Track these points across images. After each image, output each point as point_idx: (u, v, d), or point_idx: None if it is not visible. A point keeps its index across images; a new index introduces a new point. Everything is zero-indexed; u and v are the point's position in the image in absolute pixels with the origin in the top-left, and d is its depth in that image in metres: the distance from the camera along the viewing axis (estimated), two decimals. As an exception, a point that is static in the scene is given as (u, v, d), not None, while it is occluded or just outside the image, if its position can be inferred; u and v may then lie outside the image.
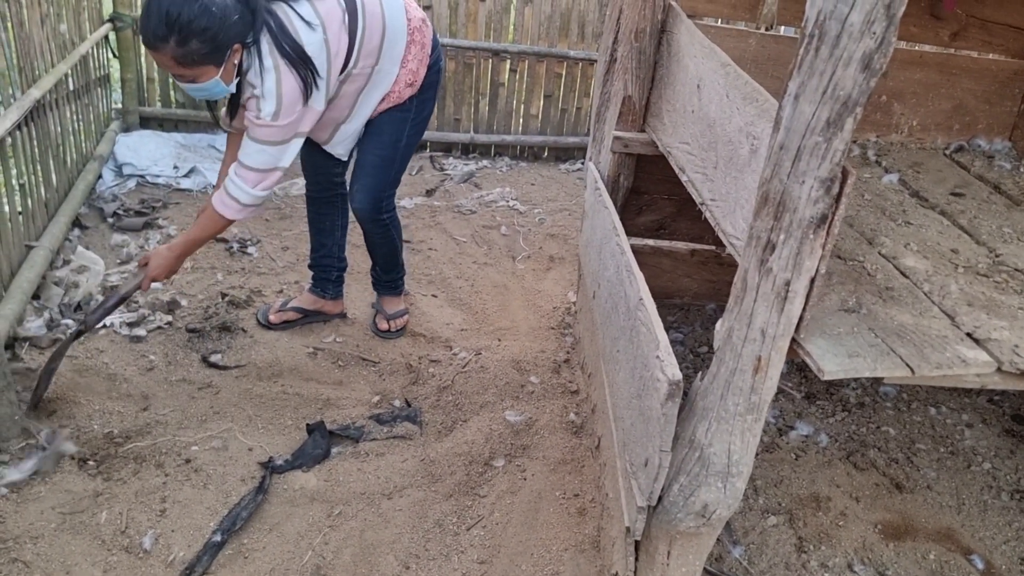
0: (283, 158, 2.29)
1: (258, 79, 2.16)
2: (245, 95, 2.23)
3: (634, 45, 2.33)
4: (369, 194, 2.64)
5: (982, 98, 2.83)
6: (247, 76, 2.17)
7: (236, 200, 2.30)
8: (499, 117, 5.02)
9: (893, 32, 1.16)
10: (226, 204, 2.31)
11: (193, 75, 2.09)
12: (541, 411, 2.62)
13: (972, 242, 2.06)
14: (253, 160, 2.26)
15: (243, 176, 2.28)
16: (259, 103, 2.18)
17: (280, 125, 2.21)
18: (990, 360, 1.49)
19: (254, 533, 2.06)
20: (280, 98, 2.16)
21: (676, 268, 3.20)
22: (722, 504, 1.60)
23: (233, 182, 2.28)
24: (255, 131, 2.22)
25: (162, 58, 2.04)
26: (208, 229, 2.37)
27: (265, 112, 2.18)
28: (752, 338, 1.44)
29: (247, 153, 2.26)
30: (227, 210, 2.32)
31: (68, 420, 2.33)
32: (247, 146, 2.26)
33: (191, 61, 2.05)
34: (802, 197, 1.29)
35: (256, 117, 2.20)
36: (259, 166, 2.27)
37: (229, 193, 2.30)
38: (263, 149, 2.24)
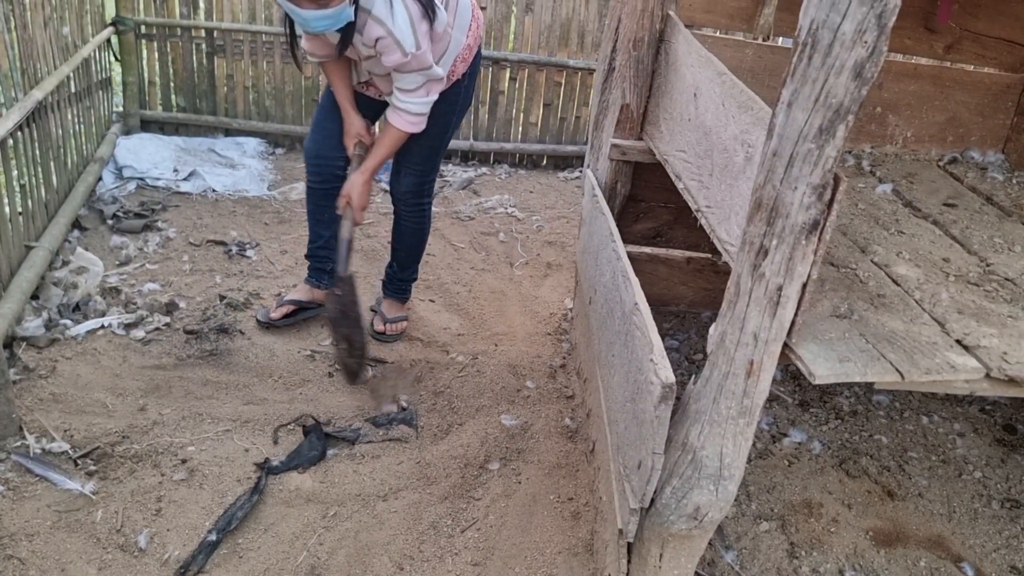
0: (435, 70, 2.38)
1: (386, 13, 2.18)
2: (374, 35, 2.23)
3: (632, 54, 2.36)
4: (417, 179, 2.74)
5: (975, 110, 2.86)
6: (373, 12, 2.19)
7: (420, 114, 2.45)
8: (498, 125, 5.04)
9: (884, 41, 1.19)
10: (412, 122, 2.46)
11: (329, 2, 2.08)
12: (536, 415, 2.64)
13: (964, 251, 2.08)
14: (410, 83, 2.37)
15: (415, 94, 2.40)
16: (396, 40, 2.21)
17: (423, 51, 2.28)
18: (979, 366, 1.51)
19: (249, 533, 2.07)
20: (413, 25, 2.21)
21: (672, 275, 3.22)
22: (714, 507, 1.62)
23: (407, 101, 2.40)
24: (404, 67, 2.30)
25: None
26: (395, 146, 2.53)
27: (407, 44, 2.22)
28: (745, 342, 1.45)
29: (406, 81, 2.36)
30: (415, 125, 2.47)
31: (65, 419, 2.34)
32: (402, 78, 2.36)
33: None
34: (795, 203, 1.32)
35: (402, 55, 2.24)
36: (416, 85, 2.38)
37: (411, 111, 2.43)
38: (418, 75, 2.35)
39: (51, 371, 2.51)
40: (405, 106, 2.43)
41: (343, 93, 2.57)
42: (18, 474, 2.13)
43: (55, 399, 2.41)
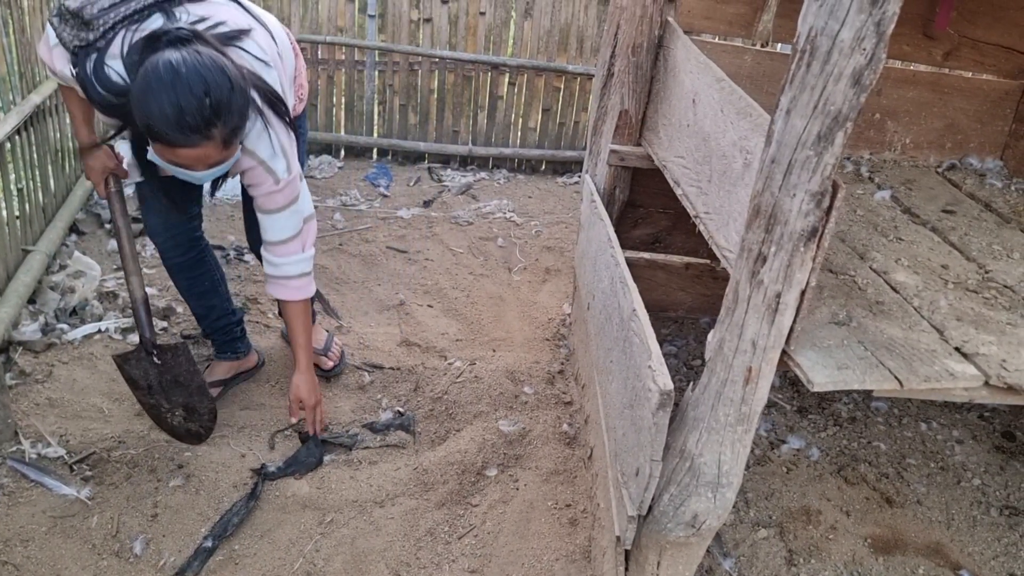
0: (305, 205, 2.10)
1: (260, 141, 1.91)
2: (243, 167, 1.96)
3: (631, 60, 2.36)
4: None
5: (974, 117, 2.86)
6: (245, 144, 1.89)
7: (304, 274, 2.14)
8: (497, 130, 5.04)
9: (883, 49, 1.19)
10: (300, 287, 2.15)
11: (229, 154, 1.81)
12: (535, 421, 2.63)
13: (962, 258, 2.08)
14: (282, 230, 2.06)
15: (290, 251, 2.09)
16: (268, 168, 1.95)
17: (293, 176, 2.01)
18: (978, 374, 1.51)
19: (245, 539, 2.07)
20: (285, 150, 1.96)
21: (670, 281, 3.22)
22: (712, 514, 1.61)
23: (287, 263, 2.10)
24: (274, 200, 2.00)
25: (206, 150, 1.72)
26: (307, 320, 2.22)
27: (280, 170, 1.96)
28: (743, 349, 1.45)
29: (276, 228, 2.05)
30: (305, 290, 2.17)
31: (61, 424, 2.33)
32: (271, 224, 2.05)
33: (235, 138, 1.77)
34: (793, 210, 1.31)
35: (274, 183, 1.97)
36: (291, 232, 2.07)
37: (293, 276, 2.12)
38: (288, 212, 2.04)
39: (47, 375, 2.51)
40: (284, 271, 2.11)
41: (82, 122, 2.18)
42: (13, 479, 2.12)
43: (51, 404, 2.40)
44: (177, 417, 2.29)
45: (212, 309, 2.51)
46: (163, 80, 1.62)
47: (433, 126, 4.94)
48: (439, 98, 4.88)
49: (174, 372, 2.23)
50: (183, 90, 1.61)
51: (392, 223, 4.09)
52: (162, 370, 2.22)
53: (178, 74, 1.62)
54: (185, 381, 2.25)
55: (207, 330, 2.57)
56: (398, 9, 4.57)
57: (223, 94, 1.66)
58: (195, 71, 1.63)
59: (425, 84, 4.81)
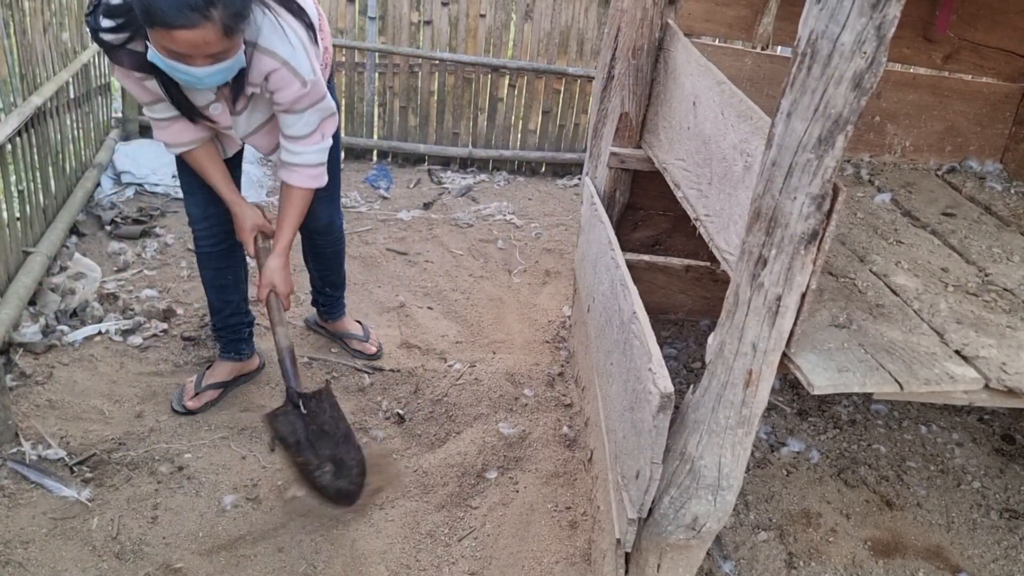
0: (328, 103, 2.08)
1: (278, 38, 1.86)
2: (264, 70, 1.90)
3: (632, 62, 2.36)
4: (333, 204, 2.57)
5: (974, 120, 2.86)
6: (260, 43, 1.85)
7: (319, 164, 2.13)
8: (497, 132, 5.05)
9: (883, 52, 1.19)
10: (313, 175, 2.14)
11: (230, 47, 1.74)
12: (534, 424, 2.63)
13: (962, 261, 2.08)
14: (306, 126, 2.06)
15: (309, 141, 2.08)
16: (292, 68, 1.90)
17: (318, 77, 1.98)
18: (978, 377, 1.51)
19: (247, 541, 2.07)
20: (305, 47, 1.92)
21: (671, 284, 3.22)
22: (712, 517, 1.61)
23: (303, 152, 2.08)
24: (300, 103, 1.99)
25: (205, 33, 1.65)
26: (305, 209, 2.20)
27: (305, 69, 1.92)
28: (743, 352, 1.45)
29: (299, 125, 2.04)
30: (317, 179, 2.16)
31: (61, 426, 2.33)
32: (292, 123, 2.04)
33: (236, 25, 1.71)
34: (793, 213, 1.32)
35: (301, 85, 1.93)
36: (312, 128, 2.07)
37: (308, 164, 2.11)
38: (313, 110, 2.04)
39: (48, 377, 2.51)
40: (302, 159, 2.11)
41: (224, 184, 2.19)
42: (14, 481, 2.12)
43: (52, 405, 2.40)
44: (326, 474, 2.11)
45: (228, 304, 2.51)
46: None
47: (433, 128, 4.95)
48: (439, 100, 4.89)
49: (319, 420, 2.12)
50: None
51: (392, 225, 4.09)
52: (308, 420, 2.10)
53: None
54: (331, 429, 2.13)
55: (217, 325, 2.55)
56: (398, 11, 4.58)
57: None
58: None
59: (425, 86, 4.81)
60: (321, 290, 2.84)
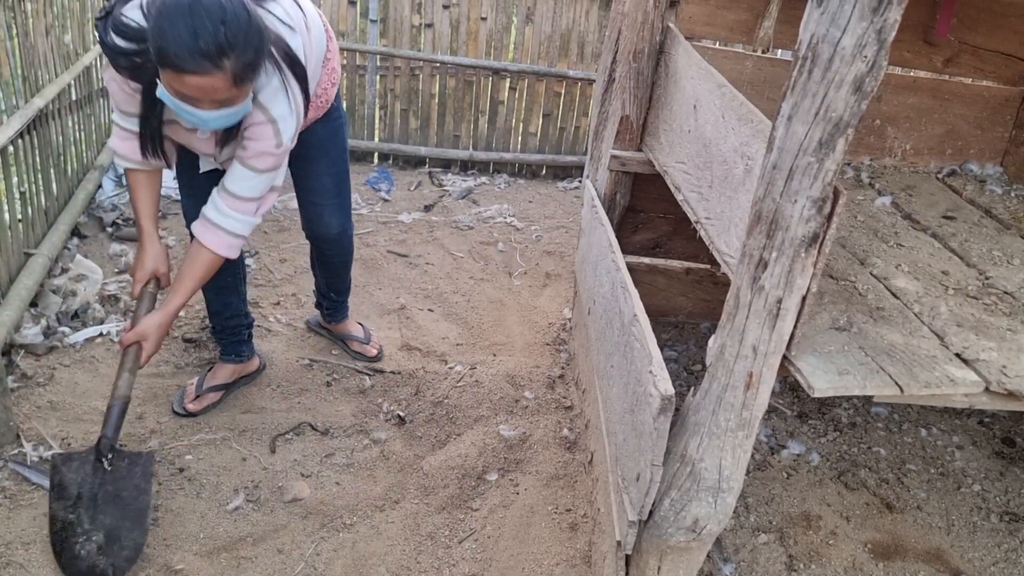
0: (279, 176, 2.05)
1: (276, 99, 1.87)
2: (250, 121, 1.90)
3: (632, 65, 2.36)
4: (344, 212, 2.55)
5: (974, 123, 2.87)
6: (259, 98, 1.86)
7: (239, 235, 2.04)
8: (498, 135, 5.05)
9: (884, 56, 1.19)
10: (229, 244, 2.04)
11: (239, 95, 1.75)
12: (535, 426, 2.63)
13: (963, 264, 2.08)
14: (254, 190, 1.99)
15: (242, 208, 2.01)
16: (277, 128, 1.90)
17: (291, 146, 1.97)
18: (978, 380, 1.51)
19: (247, 543, 2.07)
20: (298, 116, 1.93)
21: (671, 286, 3.22)
22: (712, 519, 1.62)
23: (231, 217, 2.00)
24: (263, 161, 1.95)
25: (214, 81, 1.66)
26: (206, 276, 2.08)
27: (287, 135, 1.91)
28: (744, 354, 1.45)
29: (246, 185, 1.98)
30: (231, 249, 2.05)
31: (63, 427, 2.33)
32: (245, 179, 1.97)
33: (247, 77, 1.72)
34: (794, 216, 1.32)
35: (276, 145, 1.92)
36: (257, 193, 2.01)
37: (229, 231, 2.01)
38: (267, 176, 1.99)
39: (49, 379, 2.51)
40: (226, 223, 2.00)
41: (147, 213, 2.13)
42: (15, 482, 2.12)
43: (53, 407, 2.40)
44: (90, 545, 1.90)
45: (227, 306, 2.51)
46: (182, 4, 1.61)
47: (434, 131, 4.95)
48: (440, 103, 4.89)
49: (120, 485, 1.98)
50: (200, 14, 1.60)
51: (393, 227, 4.09)
52: (106, 479, 1.97)
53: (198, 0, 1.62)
54: (128, 498, 1.97)
55: (217, 327, 2.56)
56: (400, 14, 4.58)
57: (240, 25, 1.64)
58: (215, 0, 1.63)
59: (426, 89, 4.82)
60: (326, 295, 2.84)
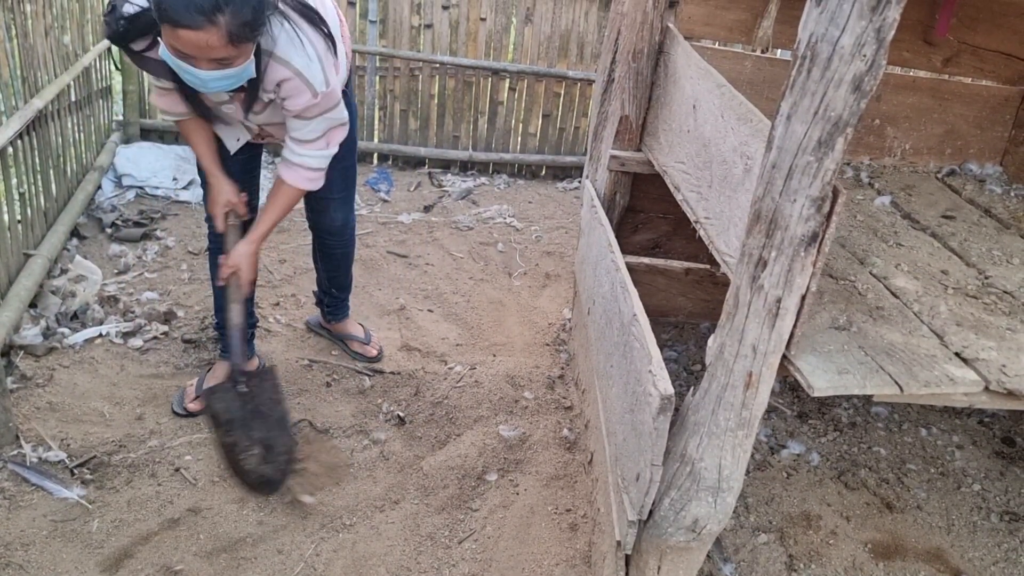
0: (340, 113, 2.10)
1: (294, 49, 1.88)
2: (278, 78, 1.92)
3: (632, 66, 2.36)
4: (348, 206, 2.59)
5: (974, 123, 2.87)
6: (276, 53, 1.88)
7: (318, 169, 2.15)
8: (498, 135, 5.05)
9: (883, 55, 1.19)
10: (310, 178, 2.15)
11: (236, 55, 1.76)
12: (535, 426, 2.63)
13: (962, 264, 2.08)
14: (312, 132, 2.07)
15: (314, 146, 2.10)
16: (305, 79, 1.92)
17: (332, 88, 2.00)
18: (978, 379, 1.51)
19: (247, 544, 2.07)
20: (322, 60, 1.94)
21: (671, 286, 3.22)
22: (712, 519, 1.61)
23: (306, 155, 2.10)
24: (309, 111, 2.01)
25: (209, 37, 1.67)
26: (288, 208, 2.21)
27: (318, 82, 1.94)
28: (743, 354, 1.45)
29: (307, 130, 2.06)
30: (313, 182, 2.16)
31: (62, 428, 2.33)
32: (303, 127, 2.06)
33: (243, 35, 1.72)
34: (793, 215, 1.32)
35: (312, 96, 1.96)
36: (319, 133, 2.09)
37: (308, 167, 2.12)
38: (323, 119, 2.06)
39: (48, 380, 2.51)
40: (302, 160, 2.12)
41: (207, 154, 2.21)
42: (14, 483, 2.12)
43: (52, 408, 2.40)
44: (252, 458, 2.08)
45: None
46: None
47: (434, 131, 4.95)
48: (440, 103, 4.89)
49: (258, 400, 2.13)
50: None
51: (392, 228, 4.09)
52: (246, 399, 2.12)
53: None
54: (267, 411, 2.13)
55: (220, 323, 2.59)
56: (399, 15, 4.58)
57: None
58: None
59: (426, 89, 4.82)
60: (327, 291, 2.85)
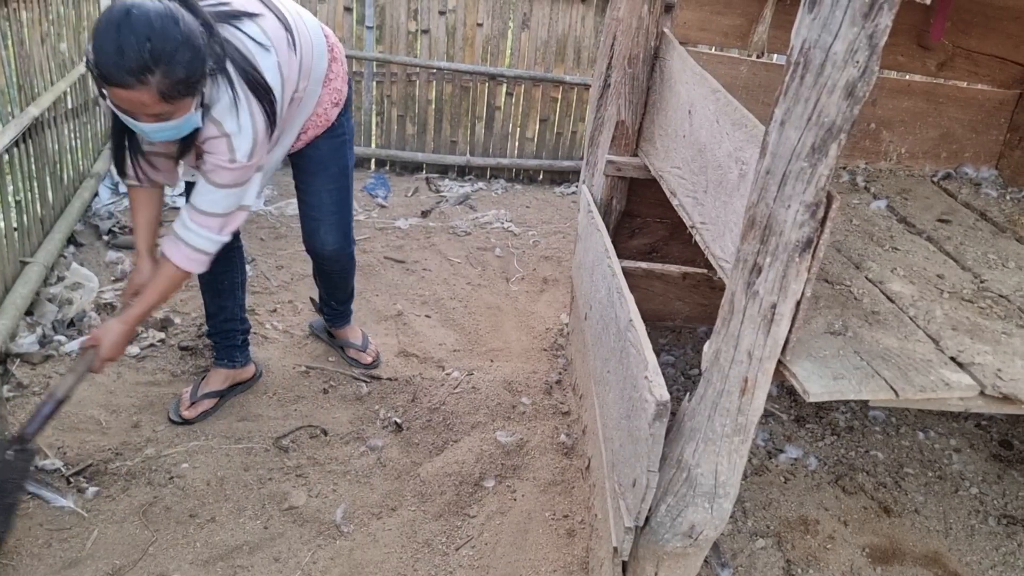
0: (248, 195, 2.06)
1: (229, 115, 1.89)
2: (205, 135, 1.92)
3: (628, 71, 2.37)
4: (341, 231, 2.53)
5: (969, 127, 2.88)
6: (212, 113, 1.88)
7: (202, 251, 2.05)
8: (495, 140, 5.06)
9: (876, 61, 1.19)
10: (191, 258, 2.05)
11: (172, 111, 1.77)
12: (532, 432, 2.63)
13: (958, 268, 2.09)
14: (216, 205, 2.01)
15: (206, 224, 2.02)
16: (231, 143, 1.92)
17: (252, 164, 1.98)
18: (973, 384, 1.51)
19: (244, 551, 2.06)
20: (255, 133, 1.93)
21: (668, 291, 3.22)
22: (709, 525, 1.61)
23: (194, 232, 2.03)
24: (220, 175, 1.96)
25: (141, 96, 1.70)
26: (169, 290, 2.11)
27: (241, 152, 1.93)
28: (739, 360, 1.45)
29: (208, 200, 2.00)
30: (194, 263, 2.06)
31: (58, 436, 2.33)
32: (206, 192, 1.99)
33: (176, 93, 1.74)
34: (788, 221, 1.32)
35: (229, 160, 1.93)
36: (224, 210, 2.02)
37: (192, 245, 2.03)
38: (229, 193, 2.00)
39: (45, 388, 2.50)
40: (189, 237, 2.03)
41: (143, 233, 2.18)
42: (10, 492, 2.12)
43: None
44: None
45: (223, 309, 2.53)
46: (113, 19, 1.66)
47: (431, 136, 4.96)
48: (437, 109, 4.90)
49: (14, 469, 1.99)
50: (127, 31, 1.64)
51: (390, 233, 4.09)
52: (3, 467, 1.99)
53: (128, 15, 1.65)
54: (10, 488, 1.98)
55: (212, 330, 2.58)
56: (396, 20, 4.59)
57: (167, 44, 1.67)
58: (144, 16, 1.66)
59: (423, 95, 4.82)
60: (327, 303, 2.85)
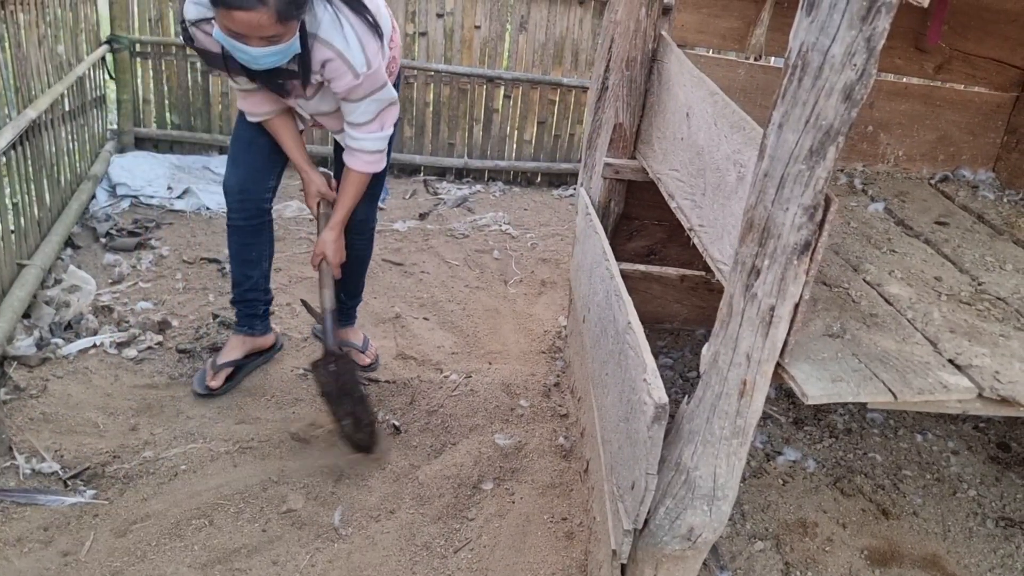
0: (388, 93, 2.25)
1: (336, 32, 2.04)
2: (317, 60, 2.08)
3: (625, 74, 2.37)
4: (370, 204, 2.62)
5: (966, 129, 2.88)
6: (320, 35, 2.04)
7: (376, 151, 2.31)
8: (493, 143, 5.06)
9: (873, 64, 1.20)
10: (370, 161, 2.32)
11: (284, 32, 1.92)
12: (530, 434, 2.63)
13: (955, 270, 2.09)
14: (367, 114, 2.24)
15: (368, 129, 2.27)
16: (346, 60, 2.07)
17: (375, 69, 2.14)
18: (971, 386, 1.51)
19: (242, 554, 2.06)
20: (363, 43, 2.08)
21: (666, 293, 3.22)
22: (708, 527, 1.61)
23: (363, 139, 2.28)
24: (354, 92, 2.17)
25: (260, 17, 1.84)
26: (360, 191, 2.40)
27: (358, 64, 2.09)
28: (737, 362, 1.45)
29: (358, 113, 2.23)
30: (373, 164, 2.34)
31: (56, 439, 2.32)
32: (353, 109, 2.22)
33: (290, 14, 1.89)
34: (786, 224, 1.32)
35: (353, 77, 2.10)
36: (375, 114, 2.25)
37: (366, 150, 2.30)
38: (370, 100, 2.21)
39: (42, 390, 2.50)
40: (360, 145, 2.30)
41: (296, 150, 2.42)
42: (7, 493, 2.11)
43: (46, 419, 2.39)
44: (347, 427, 2.40)
45: (248, 278, 2.62)
46: None
47: (429, 139, 4.96)
48: (435, 111, 4.90)
49: (342, 380, 2.37)
50: None
51: (388, 236, 4.09)
52: (335, 377, 2.37)
53: None
54: (350, 390, 2.38)
55: (236, 298, 2.67)
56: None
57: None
58: None
59: (420, 97, 4.82)
60: (337, 295, 2.83)
